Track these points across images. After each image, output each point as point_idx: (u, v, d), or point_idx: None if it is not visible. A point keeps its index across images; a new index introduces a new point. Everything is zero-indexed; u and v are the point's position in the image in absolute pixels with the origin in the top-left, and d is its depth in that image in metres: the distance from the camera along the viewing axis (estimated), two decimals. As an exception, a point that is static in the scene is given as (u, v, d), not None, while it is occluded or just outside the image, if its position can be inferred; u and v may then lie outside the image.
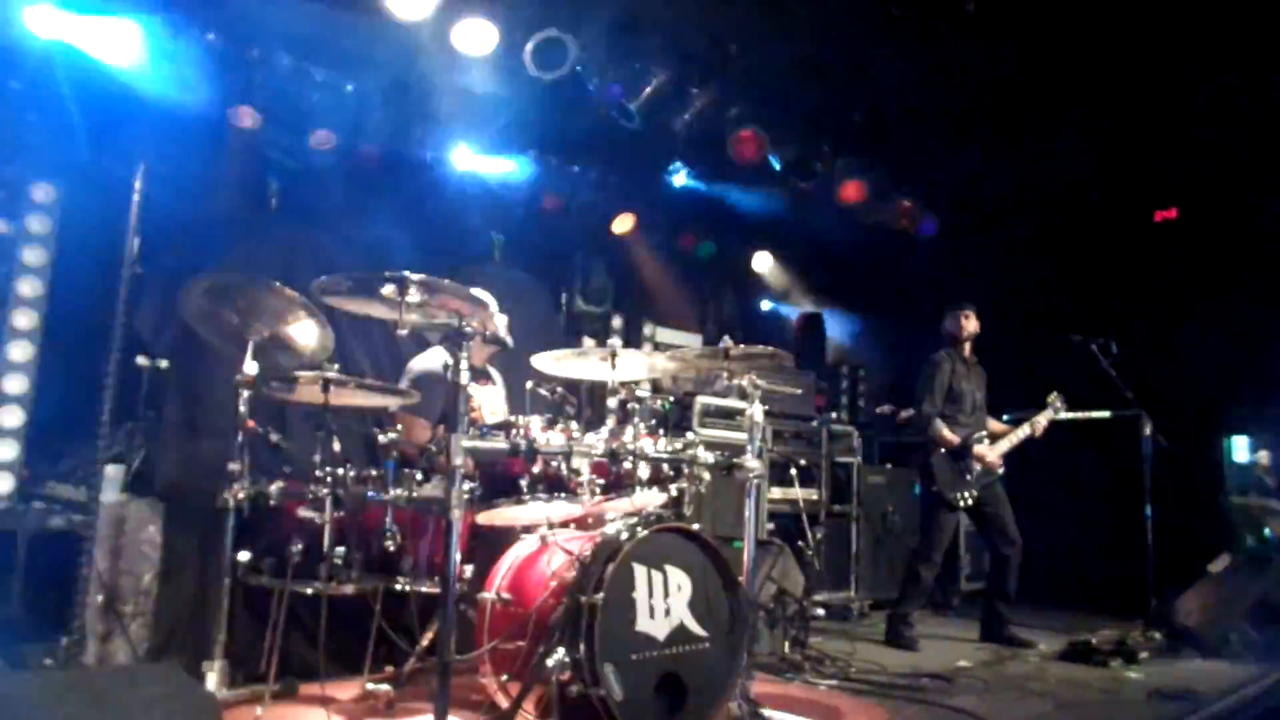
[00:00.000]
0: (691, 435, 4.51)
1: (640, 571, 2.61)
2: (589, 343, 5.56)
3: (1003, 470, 4.73)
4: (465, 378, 2.32)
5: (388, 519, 2.86)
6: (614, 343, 3.18)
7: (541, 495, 2.90)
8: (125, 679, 2.34)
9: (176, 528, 3.39)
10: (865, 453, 5.85)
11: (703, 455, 3.08)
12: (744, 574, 2.99)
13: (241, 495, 2.77)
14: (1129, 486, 4.97)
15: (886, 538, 5.75)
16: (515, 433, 2.86)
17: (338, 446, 2.92)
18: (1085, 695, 3.54)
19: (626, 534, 2.64)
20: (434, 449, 3.06)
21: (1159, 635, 4.40)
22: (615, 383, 3.10)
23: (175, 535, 3.39)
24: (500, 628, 2.70)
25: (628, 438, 2.94)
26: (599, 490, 2.94)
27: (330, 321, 3.07)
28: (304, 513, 2.82)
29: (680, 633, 2.64)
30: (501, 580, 2.81)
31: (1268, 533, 5.27)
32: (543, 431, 2.91)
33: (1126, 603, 4.93)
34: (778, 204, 6.43)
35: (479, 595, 2.79)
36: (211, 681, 2.70)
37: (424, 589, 2.93)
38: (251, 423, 2.86)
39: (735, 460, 3.05)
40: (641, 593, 2.59)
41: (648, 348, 6.06)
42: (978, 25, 4.72)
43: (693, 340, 6.51)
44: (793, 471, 4.87)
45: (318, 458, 2.88)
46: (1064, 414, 4.89)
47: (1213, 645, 4.37)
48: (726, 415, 5.07)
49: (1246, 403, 5.81)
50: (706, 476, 3.15)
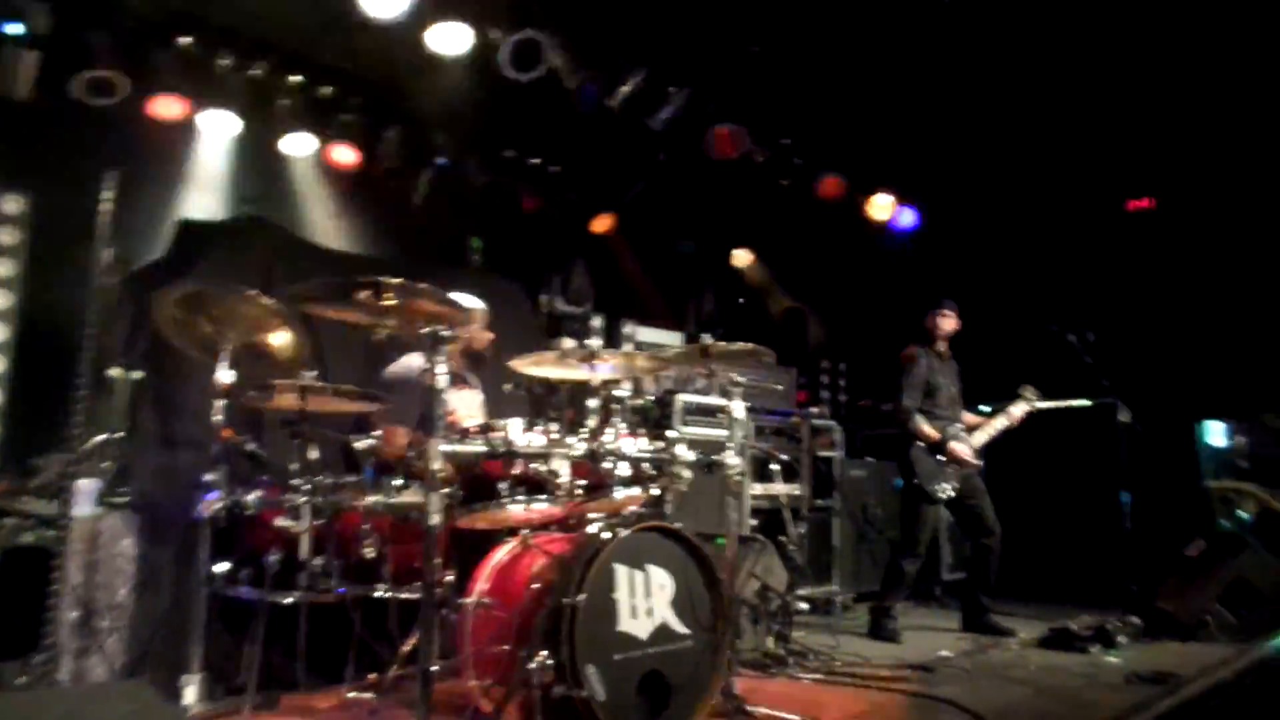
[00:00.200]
0: (672, 433, 4.50)
1: (622, 571, 2.61)
2: (568, 343, 5.53)
3: (980, 463, 4.78)
4: (443, 382, 2.31)
5: (366, 526, 2.85)
6: (592, 343, 3.16)
7: (522, 497, 2.89)
8: (94, 697, 2.31)
9: (152, 540, 3.33)
10: (846, 447, 5.89)
11: (683, 454, 3.08)
12: (726, 571, 3.00)
13: (218, 505, 2.74)
14: (1105, 473, 5.04)
15: (868, 531, 5.78)
16: (493, 435, 2.85)
17: (315, 454, 2.90)
18: (1065, 680, 3.58)
19: (607, 534, 2.64)
20: (412, 454, 3.04)
21: (1137, 620, 4.46)
22: (596, 382, 3.09)
23: (151, 548, 3.33)
24: (482, 632, 2.69)
25: (608, 437, 2.94)
26: (580, 491, 2.94)
27: (308, 328, 3.04)
28: (281, 522, 2.80)
29: (663, 631, 2.65)
30: (482, 585, 2.80)
31: (1242, 515, 5.36)
32: (523, 434, 2.90)
33: (1105, 589, 5.01)
34: (757, 200, 6.46)
35: (460, 600, 2.78)
36: (190, 695, 2.64)
37: (404, 596, 2.91)
38: (228, 431, 2.83)
39: (716, 458, 3.05)
40: (623, 593, 2.60)
41: (629, 347, 6.04)
42: (953, 16, 4.76)
43: (674, 339, 6.51)
44: (774, 467, 4.88)
45: (295, 466, 2.85)
46: (1041, 404, 4.93)
47: (1190, 628, 4.44)
48: (708, 412, 5.08)
49: (1219, 386, 5.90)
50: (688, 474, 3.15)
